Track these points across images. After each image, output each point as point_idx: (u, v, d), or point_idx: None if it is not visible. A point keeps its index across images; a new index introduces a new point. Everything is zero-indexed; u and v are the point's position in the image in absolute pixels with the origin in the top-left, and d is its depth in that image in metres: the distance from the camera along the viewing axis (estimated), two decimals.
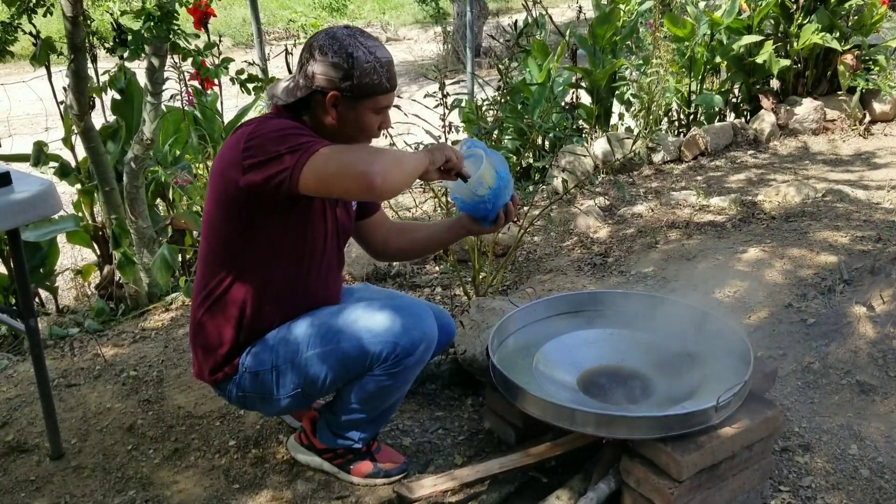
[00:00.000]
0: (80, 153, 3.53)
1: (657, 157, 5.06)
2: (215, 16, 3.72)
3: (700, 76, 5.40)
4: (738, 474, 1.88)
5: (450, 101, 3.02)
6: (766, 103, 5.53)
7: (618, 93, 5.42)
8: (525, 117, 4.36)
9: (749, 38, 5.26)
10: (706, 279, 3.15)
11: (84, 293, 3.81)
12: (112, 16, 3.26)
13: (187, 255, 3.64)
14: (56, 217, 3.37)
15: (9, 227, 2.01)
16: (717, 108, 5.59)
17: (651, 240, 3.67)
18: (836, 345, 2.61)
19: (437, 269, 3.60)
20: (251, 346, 1.93)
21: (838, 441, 2.22)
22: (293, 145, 1.69)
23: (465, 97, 5.37)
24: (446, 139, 2.96)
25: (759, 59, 5.33)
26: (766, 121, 5.41)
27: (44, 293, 3.76)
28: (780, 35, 5.56)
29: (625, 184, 4.69)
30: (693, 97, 5.46)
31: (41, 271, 3.58)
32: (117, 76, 3.49)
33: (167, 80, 3.18)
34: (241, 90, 3.15)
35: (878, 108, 5.56)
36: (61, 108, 3.46)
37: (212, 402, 2.50)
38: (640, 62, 5.18)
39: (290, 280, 1.92)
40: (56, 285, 3.73)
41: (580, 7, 6.05)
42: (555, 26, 6.45)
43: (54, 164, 3.58)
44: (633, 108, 5.27)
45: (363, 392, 1.94)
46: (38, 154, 3.45)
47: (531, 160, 4.69)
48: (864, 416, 2.33)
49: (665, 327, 2.16)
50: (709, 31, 5.26)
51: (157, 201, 3.79)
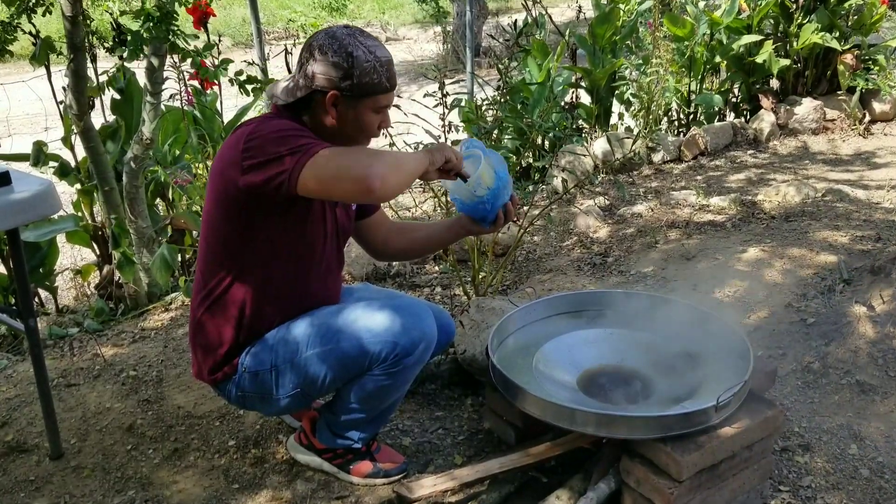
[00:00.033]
0: (80, 153, 3.53)
1: (657, 157, 5.06)
2: (215, 15, 3.72)
3: (700, 76, 5.40)
4: (738, 474, 1.88)
5: (449, 100, 3.01)
6: (766, 103, 5.52)
7: (617, 92, 5.42)
8: (525, 117, 4.36)
9: (749, 38, 5.26)
10: (706, 279, 3.15)
11: (83, 293, 3.80)
12: (111, 15, 3.26)
13: (187, 255, 3.63)
14: (56, 217, 3.37)
15: (8, 226, 2.01)
16: (717, 108, 5.59)
17: (651, 239, 3.67)
18: (836, 344, 2.61)
19: (436, 268, 3.60)
20: (250, 346, 1.93)
21: (838, 441, 2.22)
22: (293, 147, 1.69)
23: (465, 97, 5.37)
24: (446, 139, 2.96)
25: (759, 59, 5.33)
26: (766, 120, 5.40)
27: (43, 293, 3.76)
28: (779, 35, 5.56)
29: (624, 183, 4.69)
30: (693, 97, 5.46)
31: (41, 271, 3.58)
32: (116, 77, 3.49)
33: (167, 79, 3.18)
34: (240, 92, 3.15)
35: (878, 107, 5.55)
36: (61, 107, 3.45)
37: (211, 402, 2.50)
38: (640, 62, 5.19)
39: (289, 280, 1.92)
40: (55, 285, 3.73)
41: (580, 7, 6.05)
42: (554, 26, 6.44)
43: (54, 163, 3.58)
44: (632, 108, 5.27)
45: (363, 392, 1.94)
46: (38, 154, 3.45)
47: (531, 160, 4.69)
48: (864, 416, 2.33)
49: (665, 327, 2.16)
50: (708, 31, 5.26)
51: (157, 201, 3.79)
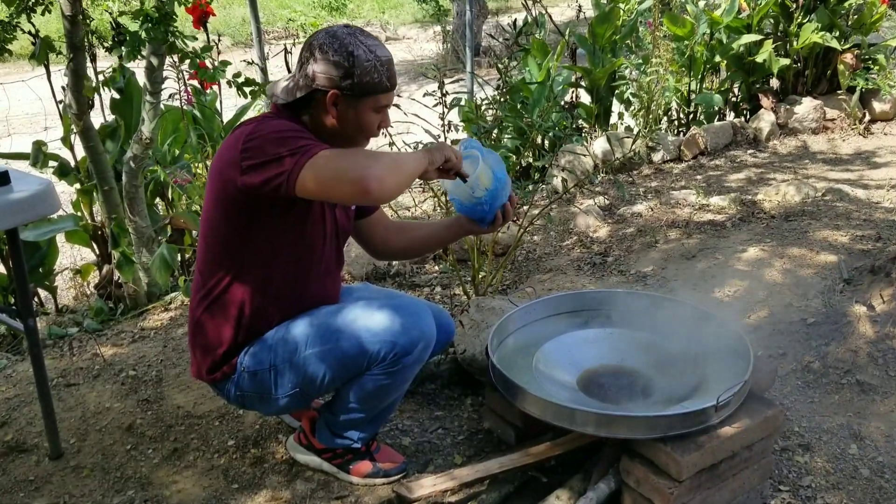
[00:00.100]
0: (80, 152, 3.53)
1: (657, 157, 5.06)
2: (214, 15, 3.72)
3: (700, 75, 5.40)
4: (738, 474, 1.88)
5: (449, 100, 3.01)
6: (766, 102, 5.52)
7: (617, 92, 5.42)
8: (524, 116, 4.36)
9: (749, 38, 5.25)
10: (706, 278, 3.14)
11: (83, 293, 3.80)
12: (111, 15, 3.26)
13: (186, 255, 3.63)
14: (55, 216, 3.37)
15: (8, 226, 2.01)
16: (717, 108, 5.59)
17: (651, 239, 3.66)
18: (836, 344, 2.60)
19: (436, 268, 3.60)
20: (249, 346, 1.92)
21: (838, 441, 2.22)
22: (293, 148, 1.68)
23: (465, 96, 5.37)
24: (445, 138, 2.96)
25: (759, 59, 5.32)
26: (766, 120, 5.40)
27: (43, 293, 3.76)
28: (779, 34, 5.56)
29: (624, 183, 4.69)
30: (693, 96, 5.45)
31: (40, 271, 3.58)
32: (112, 77, 3.49)
33: (166, 79, 3.18)
34: (238, 94, 3.15)
35: (878, 107, 5.55)
36: (60, 107, 3.45)
37: (211, 402, 2.49)
38: (640, 61, 5.19)
39: (289, 280, 1.92)
40: (55, 285, 3.73)
41: (580, 6, 6.05)
42: (554, 25, 6.44)
43: (53, 163, 3.57)
44: (632, 108, 5.27)
45: (362, 391, 1.94)
46: (38, 153, 3.45)
47: (531, 159, 4.69)
48: (863, 416, 2.33)
49: (665, 327, 2.16)
50: (708, 30, 5.26)
51: (157, 200, 3.79)
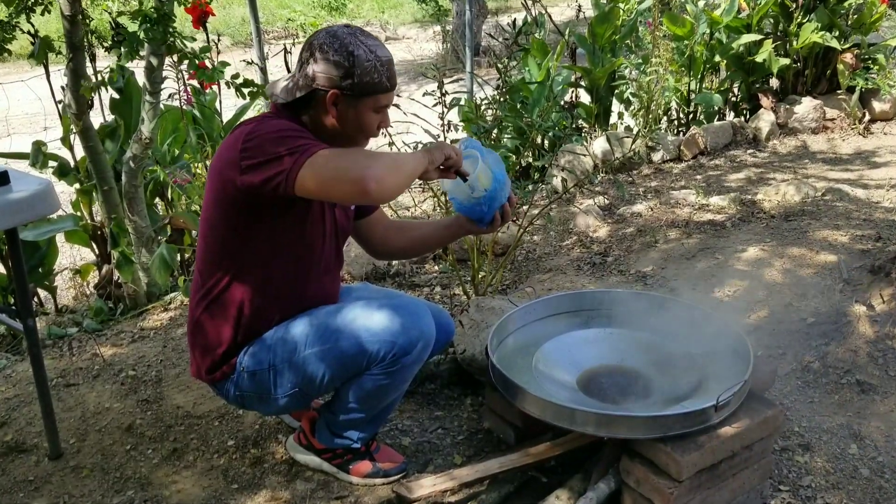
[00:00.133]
0: (79, 152, 3.53)
1: (656, 156, 5.06)
2: (214, 15, 3.72)
3: (699, 75, 5.40)
4: (737, 474, 1.88)
5: (449, 99, 3.01)
6: (766, 102, 5.52)
7: (617, 92, 5.42)
8: (524, 116, 4.36)
9: (748, 37, 5.25)
10: (706, 278, 3.14)
11: (83, 293, 3.80)
12: (110, 15, 3.25)
13: (186, 255, 3.63)
14: (55, 216, 3.37)
15: (7, 226, 2.01)
16: (717, 107, 5.59)
17: (650, 239, 3.66)
18: (836, 344, 2.60)
19: (436, 268, 3.60)
20: (249, 346, 1.92)
21: (838, 440, 2.22)
22: (292, 147, 1.68)
23: (464, 96, 5.36)
24: (445, 138, 2.96)
25: (759, 58, 5.32)
26: (766, 120, 5.40)
27: (42, 293, 3.76)
28: (779, 34, 5.56)
29: (624, 183, 4.69)
30: (692, 96, 5.45)
31: (40, 271, 3.57)
32: (110, 77, 3.48)
33: (166, 79, 3.18)
34: (237, 95, 3.15)
35: (878, 106, 5.55)
36: (60, 107, 3.45)
37: (210, 402, 2.49)
38: (640, 61, 5.19)
39: (288, 280, 1.91)
40: (55, 285, 3.73)
41: (579, 6, 6.04)
42: (554, 25, 6.44)
43: (53, 163, 3.57)
44: (632, 107, 5.27)
45: (361, 391, 1.93)
46: (37, 153, 3.45)
47: (530, 159, 4.69)
48: (863, 416, 2.33)
49: (665, 327, 2.16)
50: (708, 30, 5.26)
51: (156, 200, 3.79)
